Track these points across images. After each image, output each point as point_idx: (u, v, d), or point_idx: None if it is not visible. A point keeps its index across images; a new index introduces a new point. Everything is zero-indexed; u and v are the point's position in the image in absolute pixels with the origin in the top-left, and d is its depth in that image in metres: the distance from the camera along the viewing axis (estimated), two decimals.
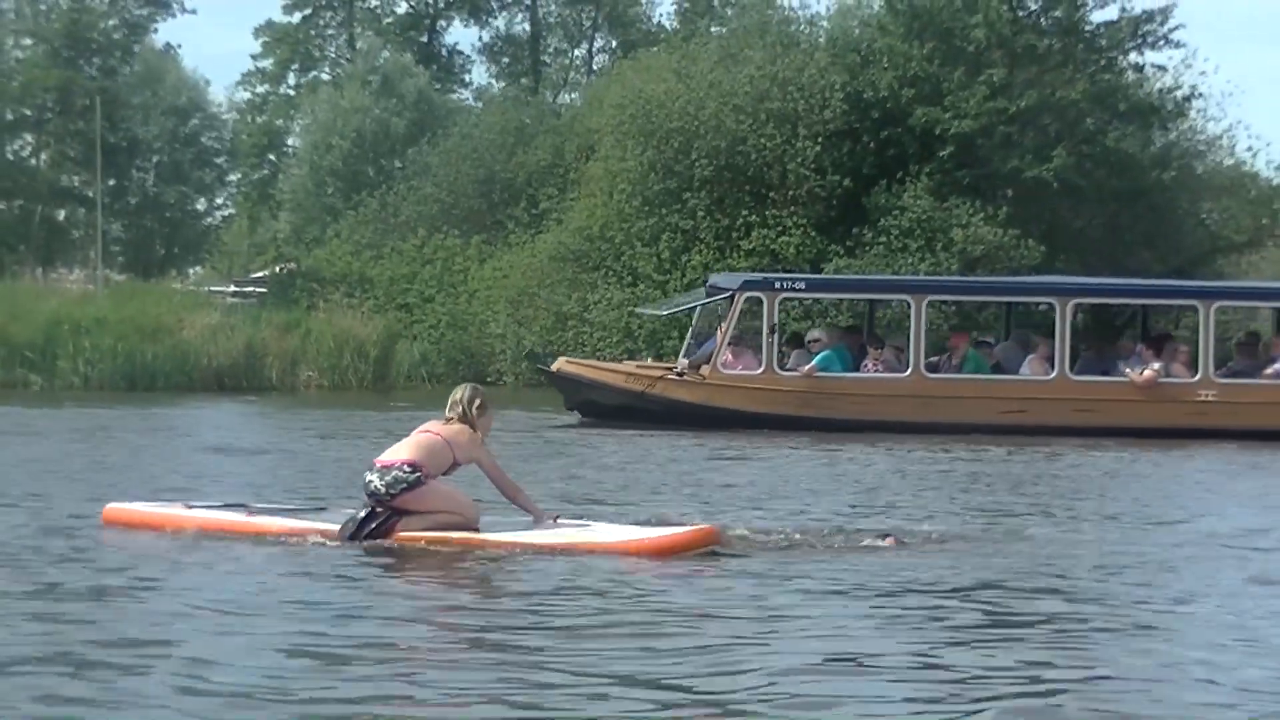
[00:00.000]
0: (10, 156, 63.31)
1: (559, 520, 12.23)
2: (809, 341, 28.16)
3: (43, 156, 63.62)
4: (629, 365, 29.27)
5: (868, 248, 39.04)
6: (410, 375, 41.17)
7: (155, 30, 66.93)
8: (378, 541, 11.80)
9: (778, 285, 27.72)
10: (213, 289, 50.02)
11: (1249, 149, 72.08)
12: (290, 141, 67.79)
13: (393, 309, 43.28)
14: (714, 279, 29.92)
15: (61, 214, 64.52)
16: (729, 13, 58.70)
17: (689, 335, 28.97)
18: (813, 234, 39.36)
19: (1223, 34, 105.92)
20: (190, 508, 12.80)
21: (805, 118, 40.18)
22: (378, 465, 12.02)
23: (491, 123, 51.24)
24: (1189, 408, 26.53)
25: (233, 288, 54.08)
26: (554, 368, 28.49)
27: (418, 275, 45.16)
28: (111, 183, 60.69)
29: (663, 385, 27.07)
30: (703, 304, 28.60)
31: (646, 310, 35.36)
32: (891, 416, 26.04)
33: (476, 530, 11.97)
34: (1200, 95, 44.77)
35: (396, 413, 27.60)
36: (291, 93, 69.57)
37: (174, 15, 66.67)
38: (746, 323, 27.49)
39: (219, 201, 69.62)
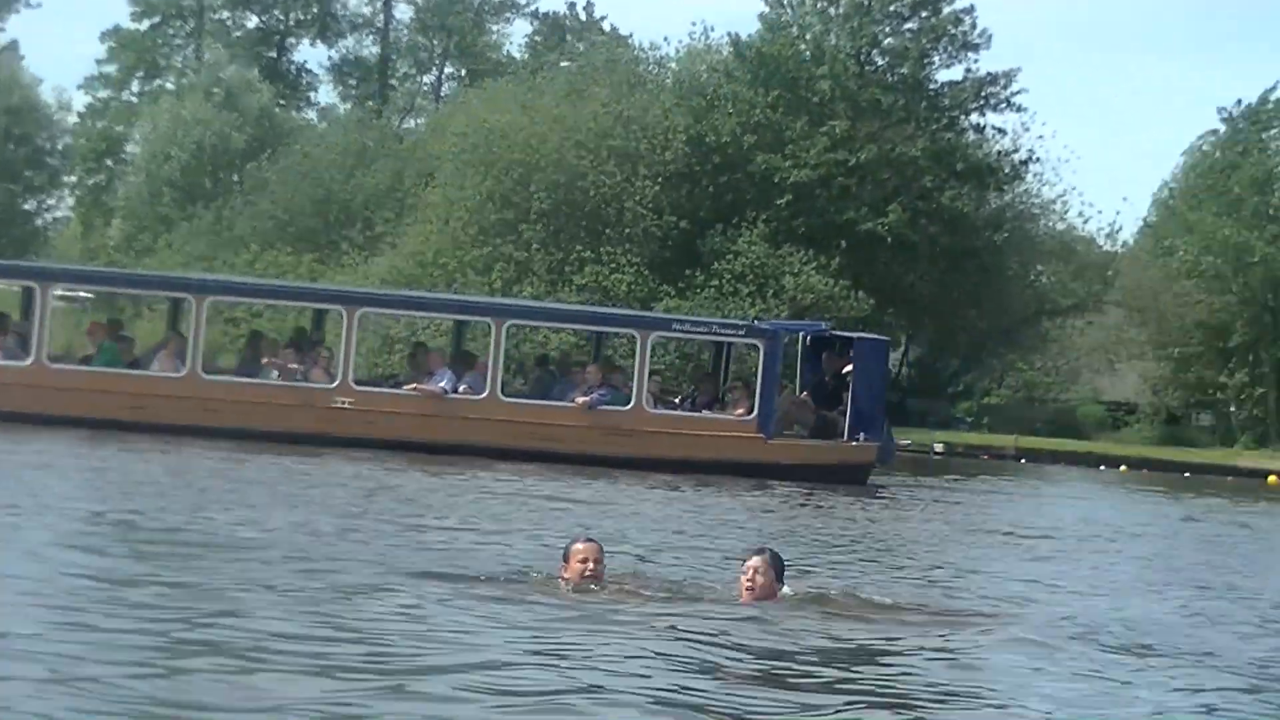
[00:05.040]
0: None
1: None
2: None
3: None
4: None
5: (699, 290, 39.09)
6: None
7: (2, 30, 66.13)
8: None
9: None
10: None
11: (1080, 215, 73.41)
12: (129, 148, 66.75)
13: (220, 321, 42.63)
14: None
15: None
16: (580, 47, 58.65)
17: None
18: (645, 273, 39.34)
19: (1061, 101, 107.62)
20: None
21: (646, 157, 40.24)
22: None
23: (333, 143, 50.81)
24: (324, 414, 25.92)
25: (60, 291, 53.04)
26: None
27: None
28: None
29: None
30: None
31: None
32: (6, 407, 24.90)
33: None
34: (1037, 159, 45.47)
35: None
36: (134, 100, 68.54)
37: (17, 11, 65.92)
38: None
39: (50, 203, 68.46)
